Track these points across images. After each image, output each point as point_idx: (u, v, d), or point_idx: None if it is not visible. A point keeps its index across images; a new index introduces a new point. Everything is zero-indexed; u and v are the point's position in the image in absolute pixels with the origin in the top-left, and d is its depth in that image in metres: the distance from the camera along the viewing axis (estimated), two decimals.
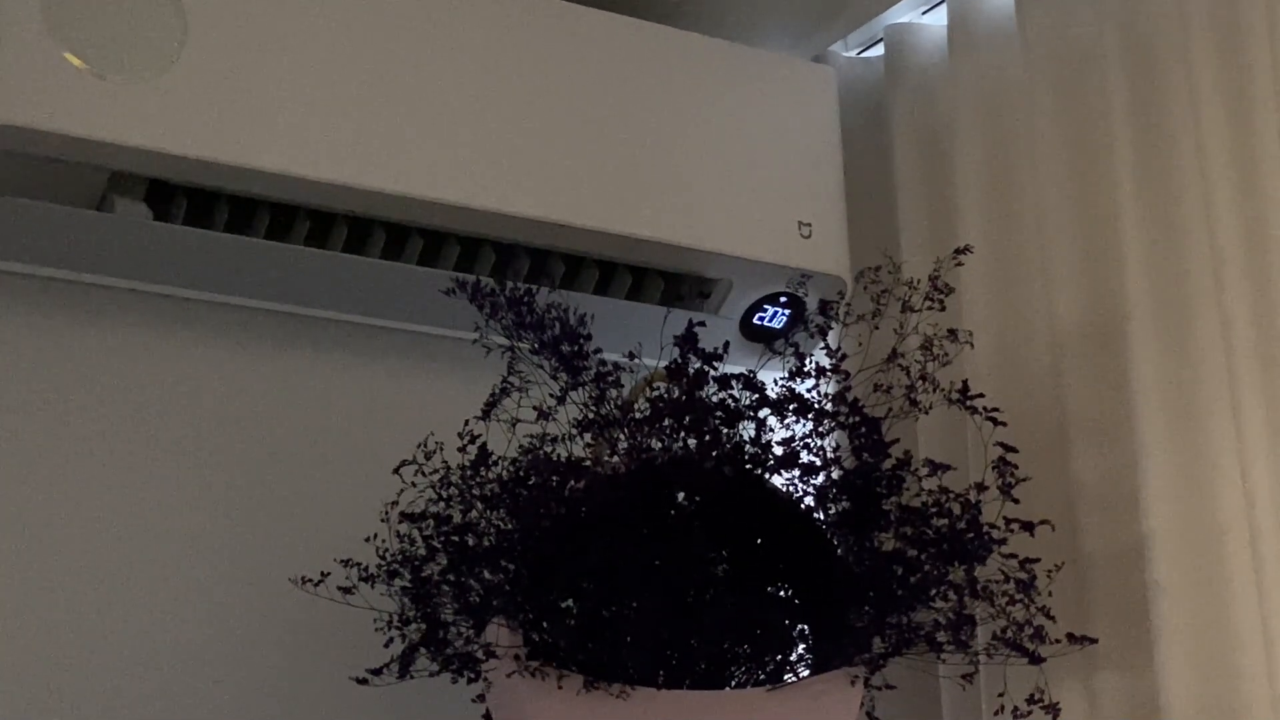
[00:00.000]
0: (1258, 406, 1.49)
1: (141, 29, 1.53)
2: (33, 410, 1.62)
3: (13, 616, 1.56)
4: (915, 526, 1.46)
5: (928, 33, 1.88)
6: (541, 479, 1.41)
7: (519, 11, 1.70)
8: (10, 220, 1.54)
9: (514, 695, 1.37)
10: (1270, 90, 1.54)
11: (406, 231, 1.65)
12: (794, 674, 1.45)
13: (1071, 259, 1.68)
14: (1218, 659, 1.51)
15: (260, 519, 1.68)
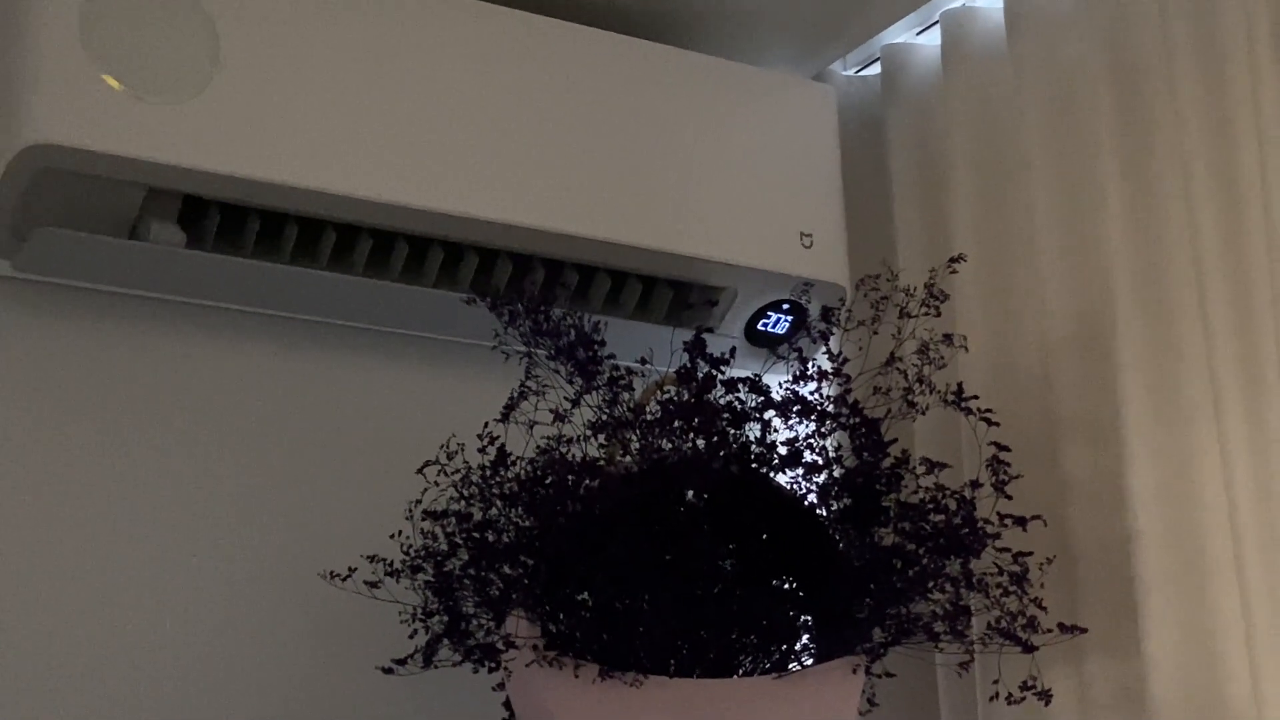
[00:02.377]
0: (1238, 408, 1.50)
1: (176, 52, 1.53)
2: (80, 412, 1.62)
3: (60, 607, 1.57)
4: (913, 522, 1.46)
5: (922, 52, 1.88)
6: (558, 478, 1.41)
7: (536, 36, 1.70)
8: (51, 246, 1.54)
9: (532, 684, 1.38)
10: (1249, 108, 1.54)
11: (428, 243, 1.65)
12: (798, 663, 1.45)
13: (1060, 267, 1.68)
14: (1201, 648, 1.51)
15: (292, 517, 1.68)
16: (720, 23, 1.85)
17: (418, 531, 1.46)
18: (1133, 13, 1.65)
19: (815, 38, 1.90)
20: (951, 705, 1.72)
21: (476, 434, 1.58)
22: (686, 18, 1.83)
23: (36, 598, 1.56)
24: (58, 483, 1.59)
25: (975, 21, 1.81)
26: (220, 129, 1.52)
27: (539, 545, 1.39)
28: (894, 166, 1.86)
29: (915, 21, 1.87)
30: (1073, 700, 1.61)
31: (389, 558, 1.49)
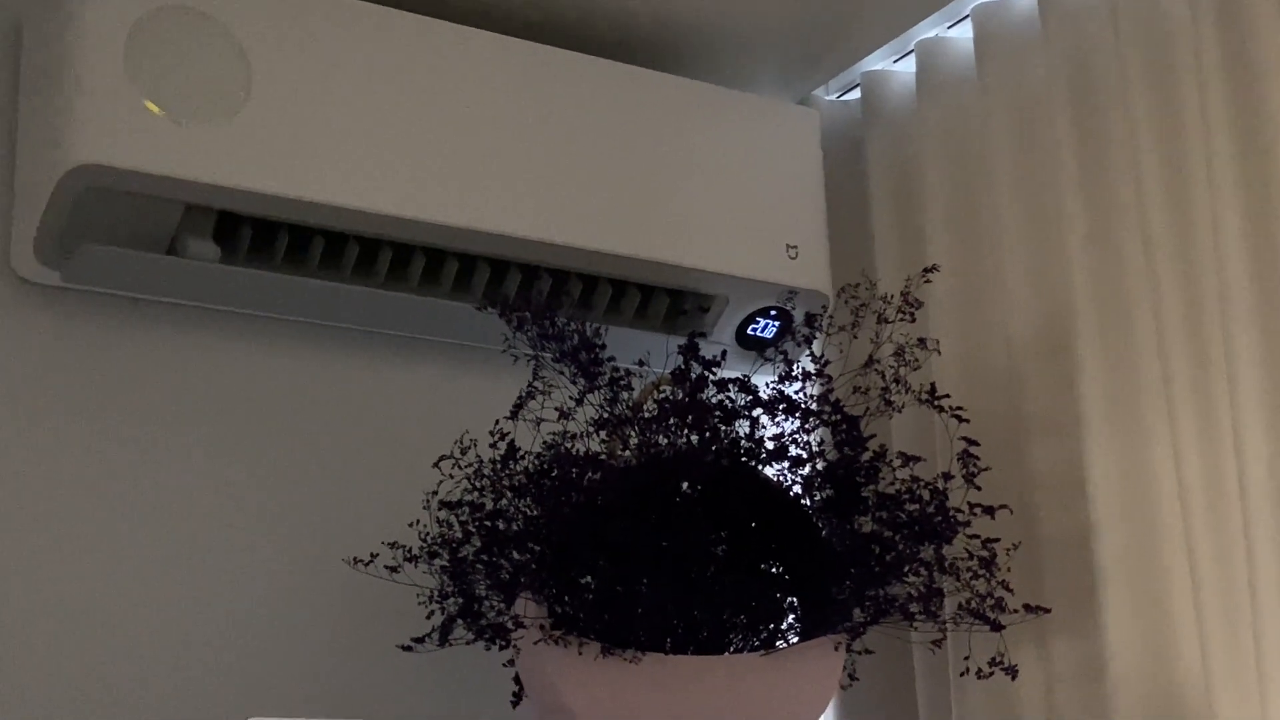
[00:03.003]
0: (1188, 408, 1.49)
1: (211, 79, 1.53)
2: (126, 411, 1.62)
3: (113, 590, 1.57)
4: (890, 511, 1.46)
5: (899, 79, 1.88)
6: (563, 471, 1.41)
7: (545, 65, 1.70)
8: (96, 260, 1.55)
9: (540, 661, 1.38)
10: (1198, 128, 1.54)
11: (443, 255, 1.65)
12: (785, 641, 1.45)
13: (1026, 277, 1.68)
14: (1155, 627, 1.51)
15: (320, 508, 1.68)
16: (713, 51, 1.85)
17: (434, 520, 1.46)
18: (1091, 41, 1.65)
19: (800, 65, 1.90)
20: (926, 680, 1.72)
21: (488, 430, 1.58)
22: (682, 47, 1.84)
23: (93, 582, 1.56)
24: (106, 476, 1.59)
25: (947, 50, 1.81)
26: (252, 150, 1.52)
27: (545, 533, 1.39)
28: (872, 184, 1.86)
29: (892, 50, 1.87)
30: (1037, 675, 1.61)
31: (408, 545, 1.50)
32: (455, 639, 1.43)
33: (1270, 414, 1.42)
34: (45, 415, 1.58)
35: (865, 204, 1.89)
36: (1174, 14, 1.58)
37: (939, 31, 1.83)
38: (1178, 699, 1.49)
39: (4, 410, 1.56)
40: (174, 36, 1.52)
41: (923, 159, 1.79)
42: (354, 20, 1.61)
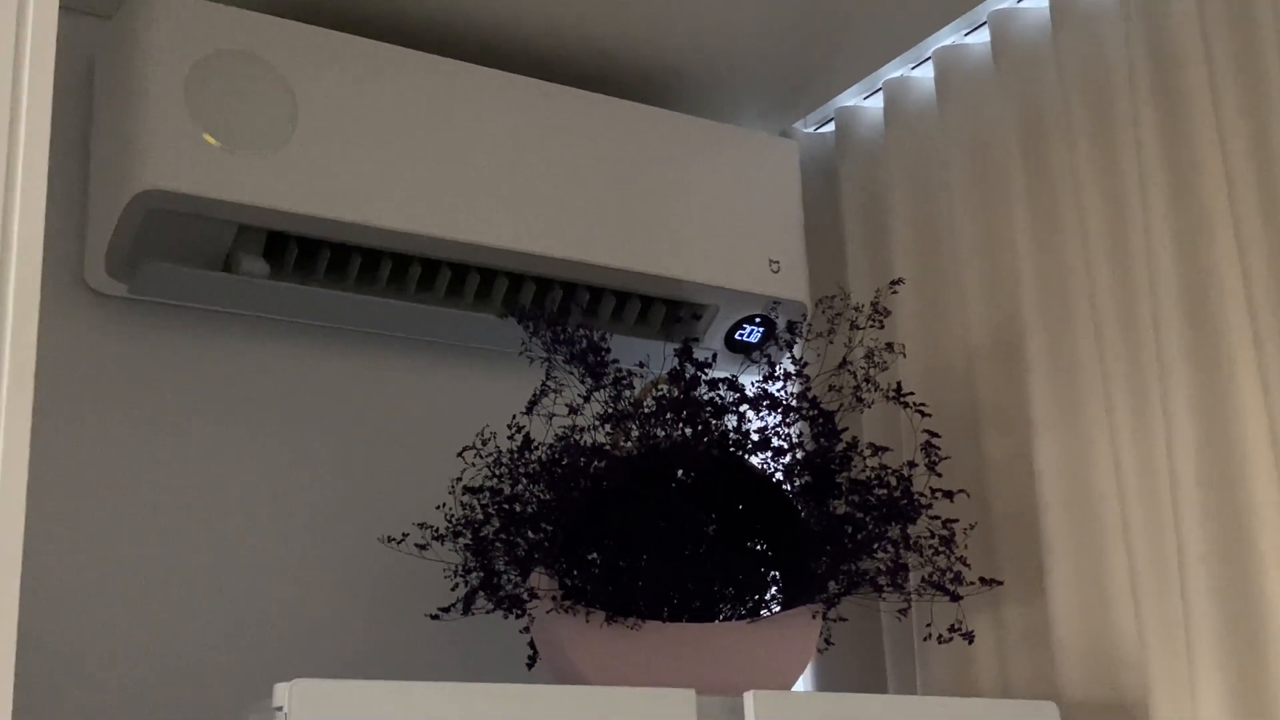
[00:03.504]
0: (1124, 403, 1.50)
1: (262, 113, 1.53)
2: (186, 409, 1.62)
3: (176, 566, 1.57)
4: (861, 495, 1.47)
5: (869, 114, 1.88)
6: (572, 460, 1.41)
7: (558, 102, 1.70)
8: (159, 276, 1.55)
9: (552, 628, 1.38)
10: (1133, 159, 1.54)
11: (466, 270, 1.65)
12: (768, 610, 1.45)
13: (980, 289, 1.68)
14: (1095, 597, 1.52)
15: (356, 493, 1.68)
16: (704, 90, 1.85)
17: (458, 504, 1.46)
18: (1038, 81, 1.66)
19: (780, 101, 1.90)
20: (893, 644, 1.72)
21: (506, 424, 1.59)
22: (677, 85, 1.84)
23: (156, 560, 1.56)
24: (167, 465, 1.59)
25: (911, 88, 1.82)
26: (297, 176, 1.52)
27: (557, 515, 1.39)
28: (845, 207, 1.87)
29: (863, 88, 1.87)
30: (991, 640, 1.61)
31: (435, 525, 1.50)
32: (477, 609, 1.43)
33: (1196, 410, 1.42)
34: (113, 410, 1.58)
35: (839, 224, 1.89)
36: (1111, 55, 1.59)
37: (904, 72, 1.83)
38: (1115, 660, 1.50)
39: (77, 405, 1.56)
40: (229, 76, 1.53)
41: (890, 185, 1.79)
42: (388, 62, 1.62)
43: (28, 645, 1.44)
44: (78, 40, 1.61)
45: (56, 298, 1.57)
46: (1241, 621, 1.37)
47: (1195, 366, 1.44)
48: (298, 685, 1.07)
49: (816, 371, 1.64)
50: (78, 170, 1.60)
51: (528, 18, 1.69)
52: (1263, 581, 1.38)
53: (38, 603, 1.49)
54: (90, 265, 1.57)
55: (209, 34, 1.52)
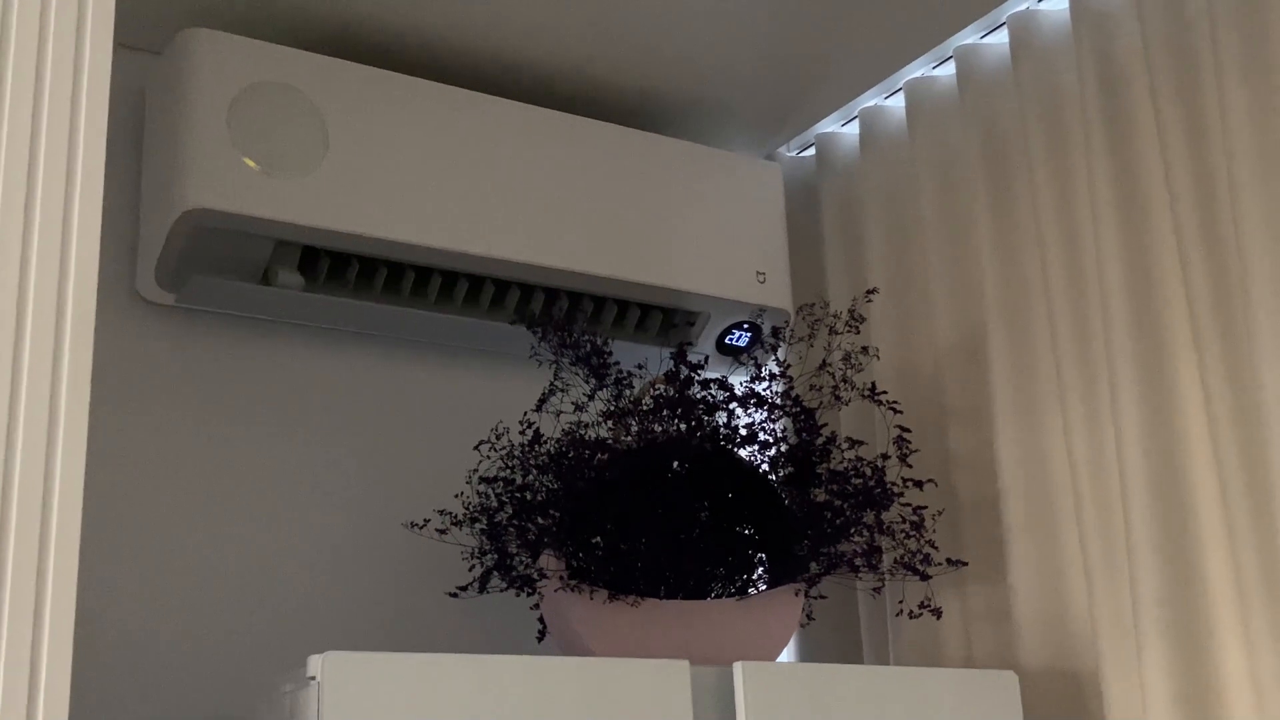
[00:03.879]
0: (1077, 401, 1.50)
1: (296, 139, 1.53)
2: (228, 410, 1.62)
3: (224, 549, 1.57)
4: (839, 484, 1.47)
5: (847, 139, 1.89)
6: (578, 453, 1.42)
7: (567, 129, 1.70)
8: (204, 287, 1.56)
9: (560, 605, 1.38)
10: (1085, 184, 1.54)
11: (481, 281, 1.65)
12: (755, 588, 1.45)
13: (947, 297, 1.68)
14: (1050, 577, 1.52)
15: (383, 483, 1.67)
16: (698, 118, 1.86)
17: (475, 492, 1.47)
18: (1000, 110, 1.66)
19: (766, 128, 1.91)
20: (868, 620, 1.72)
21: (518, 421, 1.60)
22: (674, 114, 1.84)
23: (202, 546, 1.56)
24: (211, 458, 1.60)
25: (885, 117, 1.82)
26: (329, 196, 1.52)
27: (564, 502, 1.39)
28: (825, 224, 1.87)
29: (840, 116, 1.88)
30: (957, 615, 1.61)
31: (454, 512, 1.51)
32: (492, 587, 1.43)
33: (1141, 406, 1.43)
34: (162, 407, 1.59)
35: (819, 239, 1.89)
36: (1065, 86, 1.59)
37: (878, 101, 1.83)
38: (1069, 633, 1.50)
39: (130, 401, 1.57)
40: (267, 106, 1.53)
41: (865, 204, 1.80)
42: (410, 93, 1.62)
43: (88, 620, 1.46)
44: (130, 73, 1.62)
45: (111, 306, 1.58)
46: (1183, 598, 1.37)
47: (1141, 367, 1.44)
48: (329, 656, 1.08)
49: (799, 372, 1.65)
50: (130, 191, 1.61)
51: (541, 53, 1.70)
52: (1202, 562, 1.38)
53: (96, 583, 1.51)
54: (142, 277, 1.58)
55: (248, 68, 1.53)
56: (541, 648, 1.52)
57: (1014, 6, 1.64)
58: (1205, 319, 1.39)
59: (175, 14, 1.58)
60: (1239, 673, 1.34)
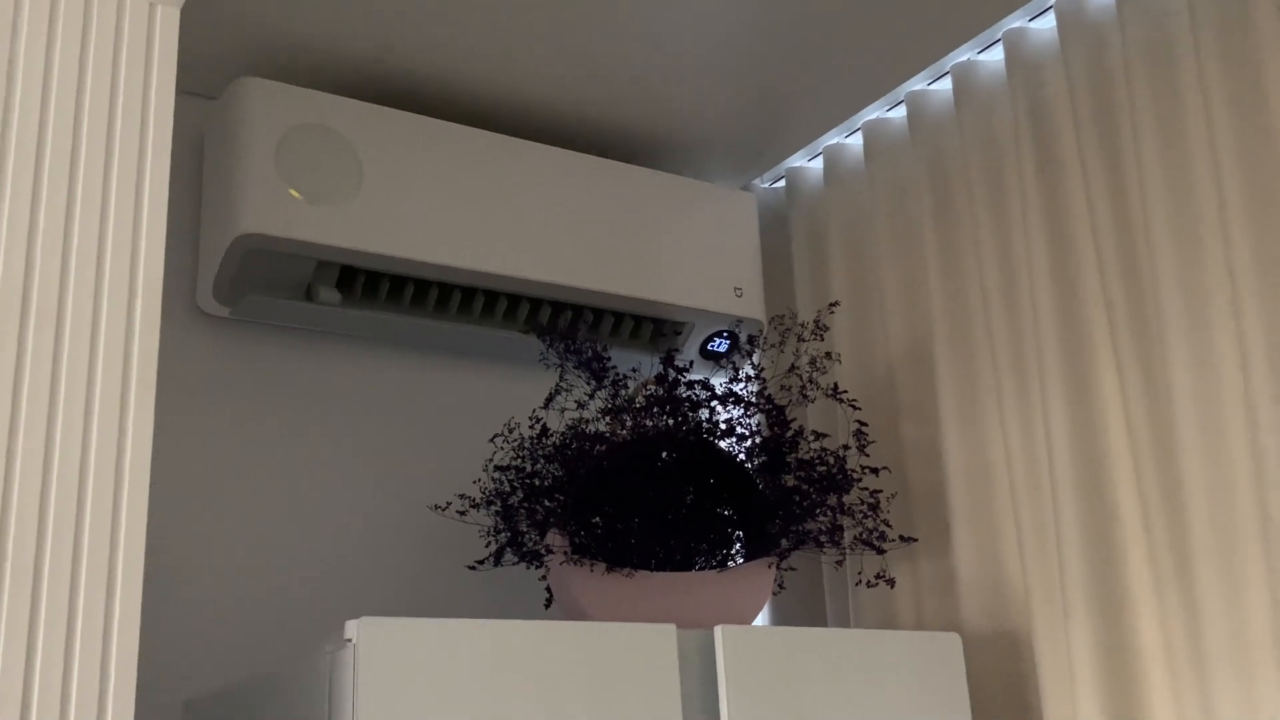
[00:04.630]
0: (1011, 399, 1.50)
1: (335, 173, 1.53)
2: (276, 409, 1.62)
3: (262, 532, 1.57)
4: (806, 471, 1.46)
5: (812, 173, 1.89)
6: (580, 444, 1.41)
7: (572, 165, 1.70)
8: (255, 304, 1.56)
9: (564, 576, 1.38)
10: (1019, 213, 1.54)
11: (496, 296, 1.65)
12: (733, 561, 1.45)
13: (899, 310, 1.68)
14: (989, 550, 1.52)
15: (411, 472, 1.67)
16: (684, 154, 1.86)
17: (490, 479, 1.47)
18: (945, 148, 1.66)
19: (742, 163, 1.91)
20: (831, 589, 1.72)
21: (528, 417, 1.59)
22: (663, 151, 1.84)
23: (251, 528, 1.56)
24: (262, 451, 1.59)
25: (845, 154, 1.82)
26: (363, 223, 1.52)
27: (568, 487, 1.39)
28: (794, 246, 1.87)
29: (807, 153, 1.88)
30: (908, 584, 1.61)
31: (472, 496, 1.50)
32: (505, 562, 1.43)
33: (1067, 404, 1.43)
34: (219, 405, 1.58)
35: (788, 259, 1.89)
36: (1001, 127, 1.59)
37: (840, 139, 1.83)
38: (1005, 600, 1.50)
39: (189, 405, 1.57)
40: (309, 144, 1.53)
41: (828, 229, 1.80)
42: (433, 132, 1.62)
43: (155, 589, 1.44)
44: (191, 116, 1.63)
45: (175, 318, 1.58)
46: (1103, 570, 1.38)
47: (1067, 371, 1.44)
48: (364, 621, 1.07)
49: (771, 374, 1.65)
50: (191, 218, 1.60)
51: (547, 97, 1.69)
52: (1120, 538, 1.38)
53: (159, 562, 1.50)
54: (201, 292, 1.57)
55: (293, 112, 1.52)
56: (549, 613, 1.52)
57: (957, 57, 1.64)
58: (1122, 330, 1.39)
59: (230, 64, 1.57)
60: (1152, 633, 1.34)
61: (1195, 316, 1.32)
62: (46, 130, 0.94)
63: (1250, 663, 1.23)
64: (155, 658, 1.44)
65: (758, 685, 1.22)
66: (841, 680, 1.26)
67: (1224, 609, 1.25)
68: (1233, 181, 1.29)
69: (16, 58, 0.94)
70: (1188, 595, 1.30)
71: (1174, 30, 1.39)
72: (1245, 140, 1.30)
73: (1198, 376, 1.30)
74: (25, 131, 0.93)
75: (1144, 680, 1.33)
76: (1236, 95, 1.31)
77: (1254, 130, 1.30)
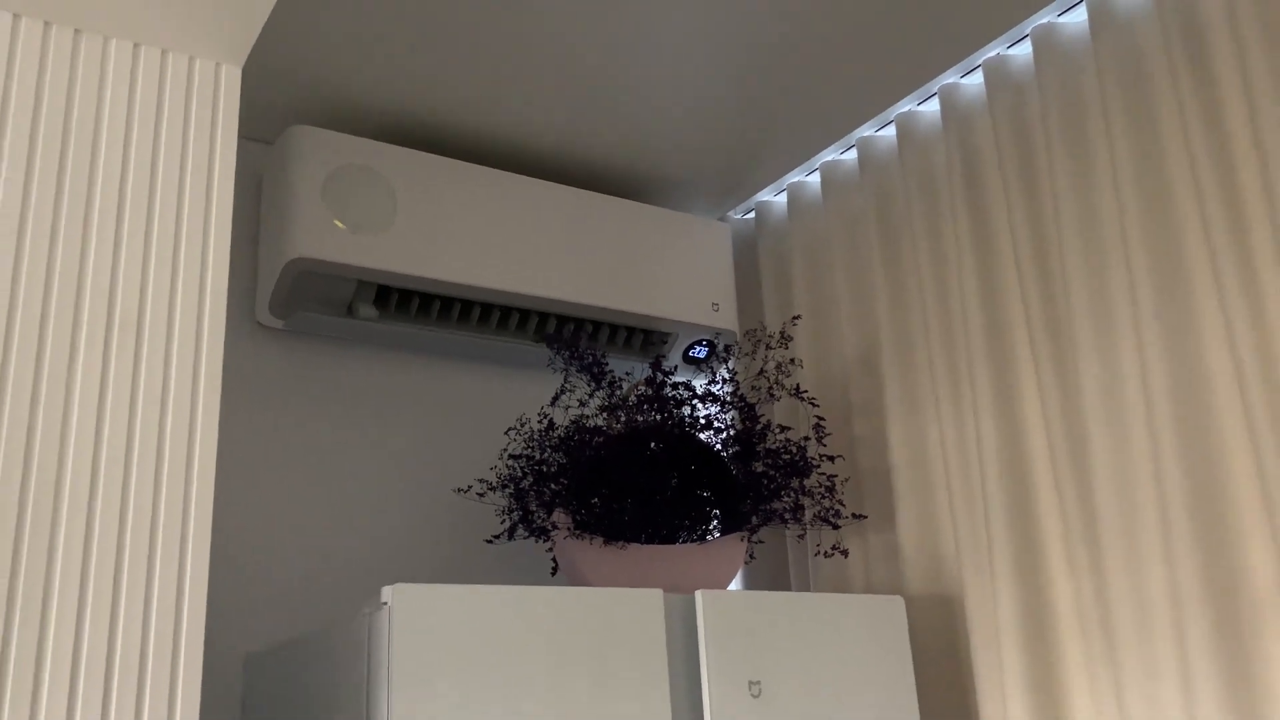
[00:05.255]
0: (948, 400, 1.50)
1: (373, 206, 1.53)
2: (323, 411, 1.61)
3: (305, 516, 1.55)
4: (773, 459, 1.46)
5: (778, 206, 1.88)
6: (581, 436, 1.40)
7: (574, 201, 1.69)
8: (304, 316, 1.55)
9: (568, 549, 1.37)
10: (953, 239, 1.55)
11: (510, 310, 1.64)
12: (711, 536, 1.45)
13: (851, 323, 1.68)
14: (928, 526, 1.52)
15: (437, 459, 1.66)
16: (667, 190, 1.86)
17: (505, 465, 1.47)
18: (889, 185, 1.66)
19: (717, 197, 1.90)
20: (794, 559, 1.71)
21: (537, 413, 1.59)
22: (651, 187, 1.84)
23: (297, 513, 1.55)
24: (311, 446, 1.58)
25: (806, 190, 1.82)
26: (397, 249, 1.52)
27: (571, 473, 1.39)
28: (762, 268, 1.86)
29: (774, 189, 1.87)
30: (860, 555, 1.61)
31: (489, 480, 1.50)
32: (518, 536, 1.43)
33: (994, 401, 1.43)
34: (275, 406, 1.58)
35: (758, 280, 1.89)
36: (937, 167, 1.59)
37: (801, 178, 1.83)
38: (941, 568, 1.50)
39: (249, 407, 1.56)
40: (351, 181, 1.52)
41: (791, 255, 1.79)
42: (457, 171, 1.61)
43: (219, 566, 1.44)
44: (251, 158, 1.63)
45: (237, 330, 1.57)
46: (1024, 541, 1.38)
47: (993, 374, 1.44)
48: (398, 588, 1.07)
49: (743, 377, 1.65)
50: (251, 245, 1.60)
51: (554, 142, 1.69)
52: (1038, 515, 1.38)
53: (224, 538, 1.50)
54: (259, 308, 1.57)
55: (338, 155, 1.52)
56: (554, 580, 1.52)
57: (900, 108, 1.64)
58: (1040, 341, 1.40)
59: (283, 113, 1.58)
60: (1067, 598, 1.34)
61: (1101, 328, 1.32)
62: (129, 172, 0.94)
63: (1150, 620, 1.24)
64: (220, 618, 1.44)
65: (732, 641, 1.22)
66: (803, 636, 1.26)
67: (1126, 575, 1.26)
68: (1134, 217, 1.30)
69: (102, 111, 0.95)
70: (1096, 564, 1.30)
71: (1084, 85, 1.40)
72: (1145, 180, 1.31)
73: (1104, 380, 1.31)
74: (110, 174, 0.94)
75: (1059, 637, 1.34)
76: (1137, 143, 1.32)
77: (1152, 173, 1.31)
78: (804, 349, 1.74)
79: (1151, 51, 1.33)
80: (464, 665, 1.06)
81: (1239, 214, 1.20)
